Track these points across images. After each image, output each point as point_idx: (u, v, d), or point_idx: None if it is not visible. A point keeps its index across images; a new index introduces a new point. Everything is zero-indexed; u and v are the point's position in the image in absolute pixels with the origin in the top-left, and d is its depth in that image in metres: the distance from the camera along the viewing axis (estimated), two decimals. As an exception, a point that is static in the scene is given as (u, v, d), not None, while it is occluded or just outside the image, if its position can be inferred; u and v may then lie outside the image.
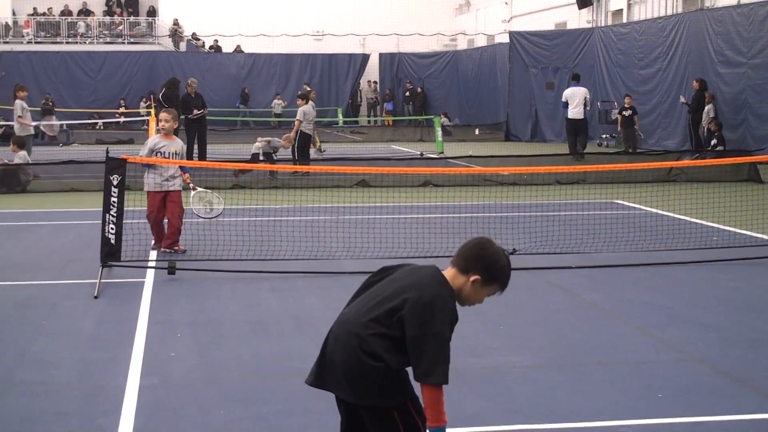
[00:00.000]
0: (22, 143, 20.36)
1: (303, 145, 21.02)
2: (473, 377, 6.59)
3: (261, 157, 20.65)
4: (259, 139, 21.42)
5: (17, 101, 22.79)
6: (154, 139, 11.85)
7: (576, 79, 28.01)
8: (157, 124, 12.41)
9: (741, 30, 25.30)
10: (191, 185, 11.98)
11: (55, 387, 6.53)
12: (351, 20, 49.51)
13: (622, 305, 8.97)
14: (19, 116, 22.35)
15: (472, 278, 4.17)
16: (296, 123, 20.94)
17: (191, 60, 45.22)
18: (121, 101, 43.24)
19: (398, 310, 4.07)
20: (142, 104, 42.47)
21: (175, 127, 11.86)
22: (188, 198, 12.09)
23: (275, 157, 21.04)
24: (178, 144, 11.75)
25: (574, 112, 26.67)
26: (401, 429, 4.15)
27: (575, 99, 26.65)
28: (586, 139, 27.38)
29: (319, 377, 4.30)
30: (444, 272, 4.22)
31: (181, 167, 11.60)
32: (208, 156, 22.88)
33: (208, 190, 12.77)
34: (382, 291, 4.21)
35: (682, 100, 26.80)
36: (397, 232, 12.27)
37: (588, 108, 27.17)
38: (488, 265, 4.18)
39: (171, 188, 11.45)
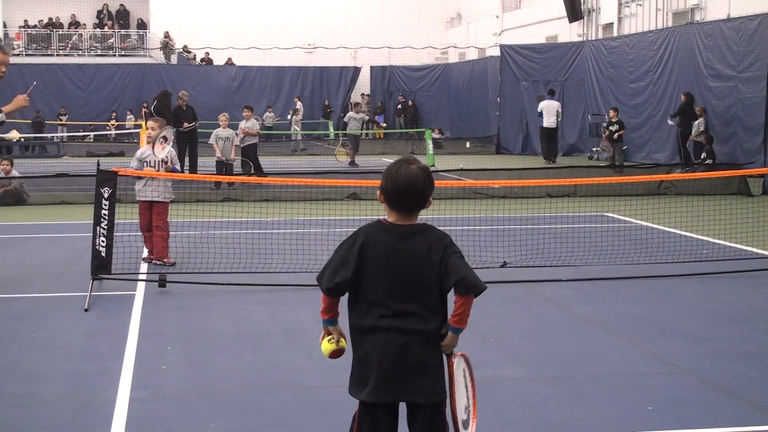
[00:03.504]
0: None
1: (249, 155, 22.11)
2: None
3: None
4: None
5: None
6: (142, 149, 11.82)
7: (551, 93, 32.15)
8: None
9: (731, 44, 25.40)
10: None
11: (46, 399, 6.52)
12: (342, 33, 49.61)
13: (612, 318, 8.98)
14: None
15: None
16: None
17: (182, 72, 45.24)
18: (112, 114, 43.23)
19: None
20: (129, 116, 42.47)
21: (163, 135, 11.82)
22: None
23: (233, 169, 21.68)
24: (165, 151, 11.70)
25: (549, 122, 31.09)
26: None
27: (548, 111, 30.99)
28: (556, 145, 31.89)
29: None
30: None
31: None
32: (199, 169, 22.87)
33: None
34: None
35: (671, 122, 26.99)
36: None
37: (560, 119, 31.57)
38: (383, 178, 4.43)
39: (156, 199, 11.44)
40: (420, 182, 4.35)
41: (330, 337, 4.52)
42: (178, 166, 12.02)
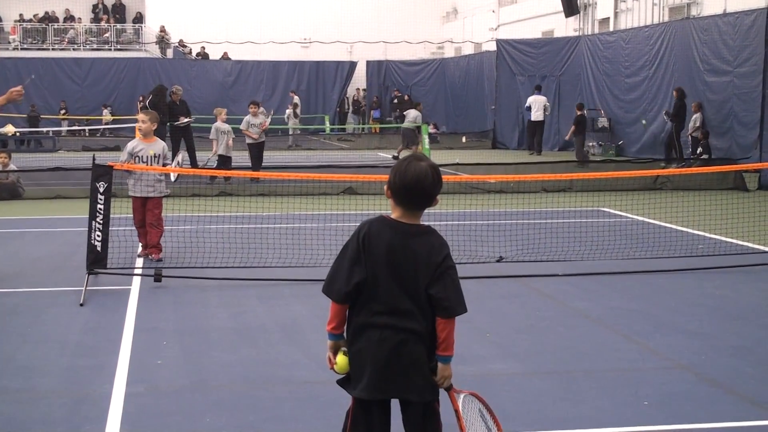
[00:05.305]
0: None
1: (260, 151, 21.59)
2: (460, 384, 6.55)
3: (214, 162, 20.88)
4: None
5: None
6: (132, 142, 11.68)
7: (538, 89, 33.34)
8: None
9: (727, 39, 25.39)
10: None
11: (41, 394, 6.51)
12: (338, 28, 49.58)
13: (608, 313, 8.98)
14: None
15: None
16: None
17: (178, 67, 45.18)
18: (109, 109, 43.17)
19: None
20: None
21: (154, 128, 11.70)
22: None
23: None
24: (158, 146, 11.56)
25: (536, 115, 32.59)
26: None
27: (536, 105, 32.45)
28: (542, 138, 32.98)
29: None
30: None
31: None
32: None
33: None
34: None
35: (666, 118, 26.94)
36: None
37: (547, 113, 32.98)
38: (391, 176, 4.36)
39: (150, 194, 11.38)
40: (428, 179, 4.32)
41: (344, 350, 4.42)
42: (169, 162, 11.97)
